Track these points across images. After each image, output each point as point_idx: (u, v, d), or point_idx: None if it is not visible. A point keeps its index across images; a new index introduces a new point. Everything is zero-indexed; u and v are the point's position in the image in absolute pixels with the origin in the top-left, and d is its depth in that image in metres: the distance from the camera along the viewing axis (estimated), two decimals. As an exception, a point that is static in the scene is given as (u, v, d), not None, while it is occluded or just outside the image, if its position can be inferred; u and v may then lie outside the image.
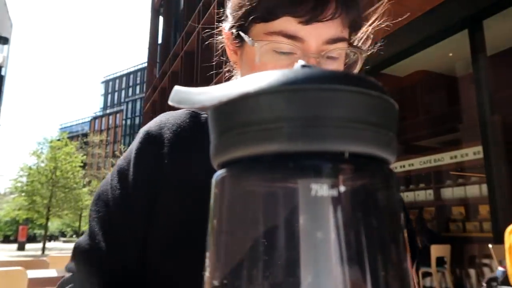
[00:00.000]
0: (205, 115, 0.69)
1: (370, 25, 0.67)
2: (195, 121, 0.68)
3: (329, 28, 0.56)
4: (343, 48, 0.59)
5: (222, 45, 0.72)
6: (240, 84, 0.19)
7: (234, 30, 0.63)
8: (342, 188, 0.18)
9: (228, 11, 0.66)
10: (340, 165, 0.18)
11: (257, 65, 0.58)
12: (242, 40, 0.62)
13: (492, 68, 5.02)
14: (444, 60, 6.33)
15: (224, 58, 0.73)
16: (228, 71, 0.75)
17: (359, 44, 0.65)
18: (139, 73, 66.81)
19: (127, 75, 69.59)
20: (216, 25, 0.73)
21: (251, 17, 0.59)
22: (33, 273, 2.26)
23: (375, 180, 0.20)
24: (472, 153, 5.94)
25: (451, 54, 6.16)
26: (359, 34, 0.65)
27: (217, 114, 0.20)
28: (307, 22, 0.55)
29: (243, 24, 0.61)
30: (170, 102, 0.23)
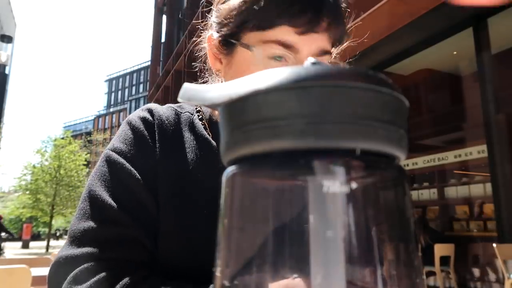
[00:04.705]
0: (187, 114, 0.71)
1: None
2: (179, 117, 0.70)
3: (321, 40, 0.59)
4: (330, 61, 0.62)
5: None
6: (250, 81, 0.19)
7: (221, 38, 0.64)
8: (354, 185, 0.18)
9: (215, 19, 0.66)
10: (351, 162, 0.18)
11: (251, 70, 0.58)
12: (230, 47, 0.63)
13: (496, 66, 4.99)
14: (448, 58, 6.30)
15: (205, 66, 0.72)
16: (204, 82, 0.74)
17: (336, 60, 0.67)
18: (142, 72, 66.91)
19: (131, 73, 69.68)
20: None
21: (245, 25, 0.60)
22: (37, 271, 2.27)
23: (386, 177, 0.20)
24: (476, 152, 5.92)
25: (455, 53, 6.13)
26: (337, 50, 0.67)
27: (228, 111, 0.20)
28: (303, 32, 0.57)
29: (235, 32, 0.61)
30: (180, 99, 0.23)
